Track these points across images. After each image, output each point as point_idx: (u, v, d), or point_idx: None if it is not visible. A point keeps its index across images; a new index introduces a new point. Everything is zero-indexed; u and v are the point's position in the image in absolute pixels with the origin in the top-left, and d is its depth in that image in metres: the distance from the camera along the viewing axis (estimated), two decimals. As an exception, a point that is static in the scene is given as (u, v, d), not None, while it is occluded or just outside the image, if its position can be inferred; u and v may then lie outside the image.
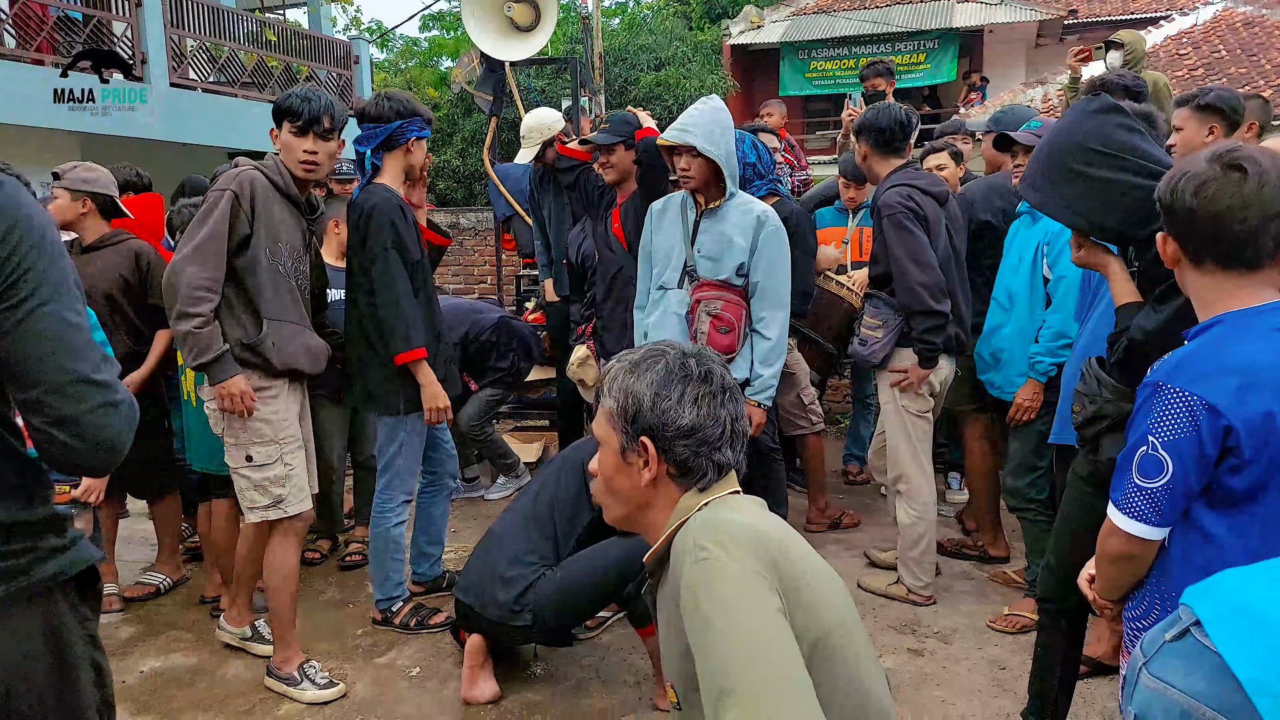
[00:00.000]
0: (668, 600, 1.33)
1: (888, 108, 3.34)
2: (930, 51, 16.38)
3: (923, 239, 3.19)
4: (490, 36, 6.17)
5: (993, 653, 3.06)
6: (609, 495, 1.42)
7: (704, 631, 1.15)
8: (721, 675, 1.10)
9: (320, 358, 2.94)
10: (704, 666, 1.14)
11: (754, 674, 1.09)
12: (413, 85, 17.31)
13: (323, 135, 2.81)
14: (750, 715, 1.06)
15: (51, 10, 8.36)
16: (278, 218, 2.80)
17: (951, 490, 4.69)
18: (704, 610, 1.16)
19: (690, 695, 1.28)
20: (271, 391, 2.82)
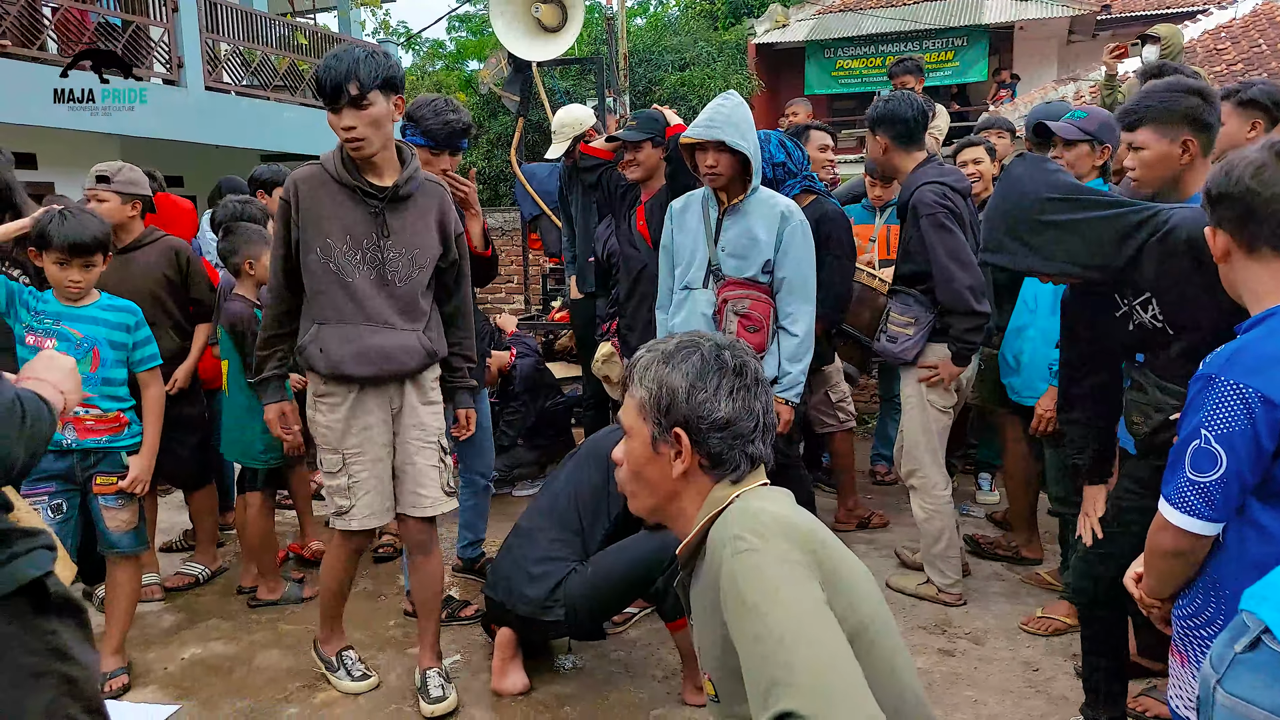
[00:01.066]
0: (703, 592, 1.33)
1: (908, 97, 3.29)
2: (959, 49, 16.25)
3: (962, 239, 3.16)
4: (518, 37, 6.21)
5: (1025, 654, 3.04)
6: (637, 485, 1.43)
7: (750, 620, 1.14)
8: (771, 665, 1.09)
9: (389, 357, 2.61)
10: (750, 656, 1.13)
11: (806, 662, 1.07)
12: (440, 88, 17.44)
13: (356, 104, 2.44)
14: (806, 704, 1.04)
15: (92, 16, 8.53)
16: (328, 211, 2.57)
17: (981, 491, 4.66)
18: (750, 599, 1.15)
19: (729, 686, 1.28)
20: (333, 398, 2.64)
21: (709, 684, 1.36)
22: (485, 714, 2.76)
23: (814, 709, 1.03)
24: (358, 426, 2.64)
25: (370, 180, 2.58)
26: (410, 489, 2.73)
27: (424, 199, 2.68)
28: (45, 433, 1.25)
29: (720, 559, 1.22)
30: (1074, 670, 2.85)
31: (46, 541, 1.33)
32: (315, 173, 2.61)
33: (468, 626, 3.30)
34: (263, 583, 3.59)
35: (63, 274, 2.79)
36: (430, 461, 2.75)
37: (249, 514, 3.54)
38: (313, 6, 14.56)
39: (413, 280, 2.65)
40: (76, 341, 2.82)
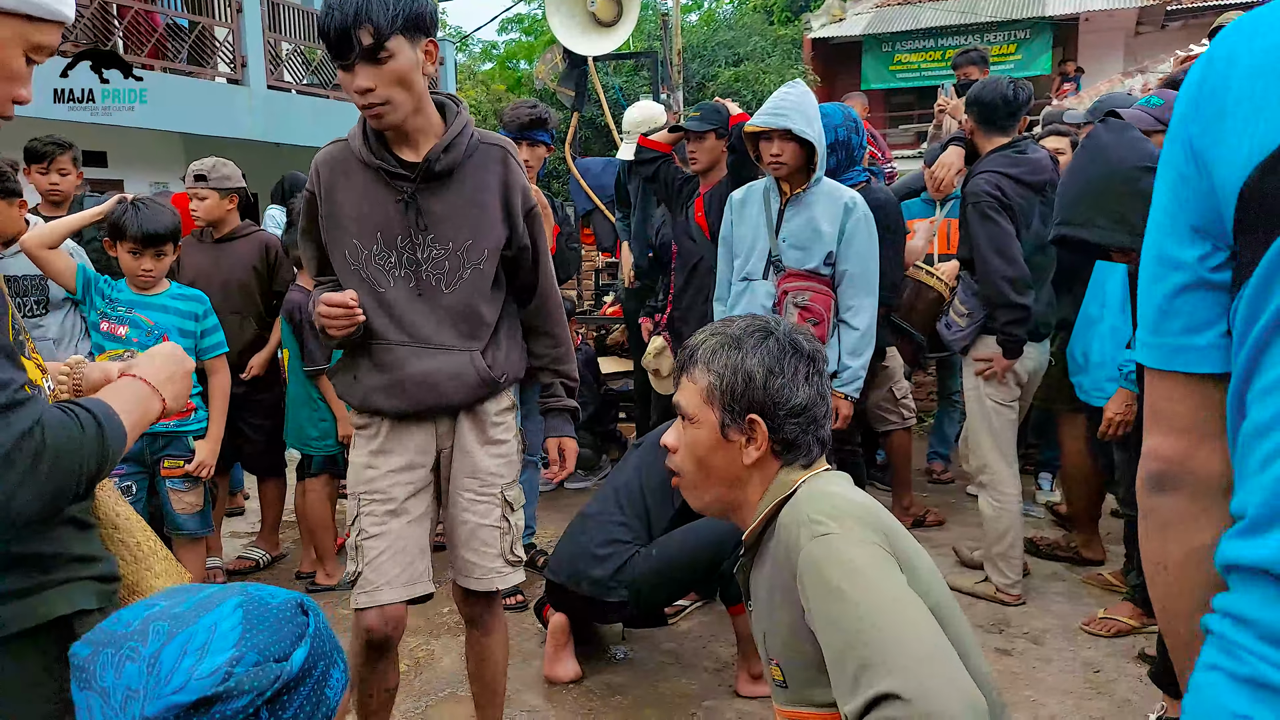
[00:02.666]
0: (770, 578, 1.31)
1: (995, 81, 3.24)
2: (1021, 41, 15.91)
3: (1007, 230, 3.10)
4: (573, 32, 6.25)
5: (1086, 655, 2.96)
6: (699, 473, 1.39)
7: (835, 604, 1.11)
8: (862, 647, 1.06)
9: (431, 388, 2.00)
10: (836, 640, 1.10)
11: (900, 643, 1.05)
12: (487, 86, 17.63)
13: (372, 57, 1.79)
14: (904, 685, 1.01)
15: (161, 18, 8.79)
16: (353, 201, 1.99)
17: (1042, 491, 4.56)
18: (834, 583, 1.12)
19: (799, 673, 1.26)
20: (366, 430, 2.09)
21: (776, 670, 1.33)
22: (537, 700, 2.78)
23: (913, 689, 1.00)
24: (384, 467, 2.04)
25: (400, 155, 1.97)
26: (460, 554, 2.12)
27: (476, 170, 2.02)
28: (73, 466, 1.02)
29: (794, 543, 1.20)
30: (1144, 673, 2.77)
31: (99, 571, 1.18)
32: (338, 152, 2.03)
33: (521, 614, 3.33)
34: (320, 568, 3.67)
35: (136, 263, 2.88)
36: (488, 520, 2.11)
37: (307, 500, 3.62)
38: (372, 7, 14.81)
39: (465, 283, 2.01)
40: (148, 329, 2.91)
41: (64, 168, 3.67)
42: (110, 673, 0.79)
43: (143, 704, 0.77)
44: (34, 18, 1.09)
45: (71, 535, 1.15)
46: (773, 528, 1.31)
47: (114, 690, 0.78)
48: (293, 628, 0.86)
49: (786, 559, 1.22)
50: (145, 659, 0.79)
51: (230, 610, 0.84)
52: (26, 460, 0.95)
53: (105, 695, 0.78)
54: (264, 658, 0.82)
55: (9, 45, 1.09)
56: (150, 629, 0.81)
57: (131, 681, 0.78)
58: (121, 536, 2.11)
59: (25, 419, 0.96)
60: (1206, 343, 0.76)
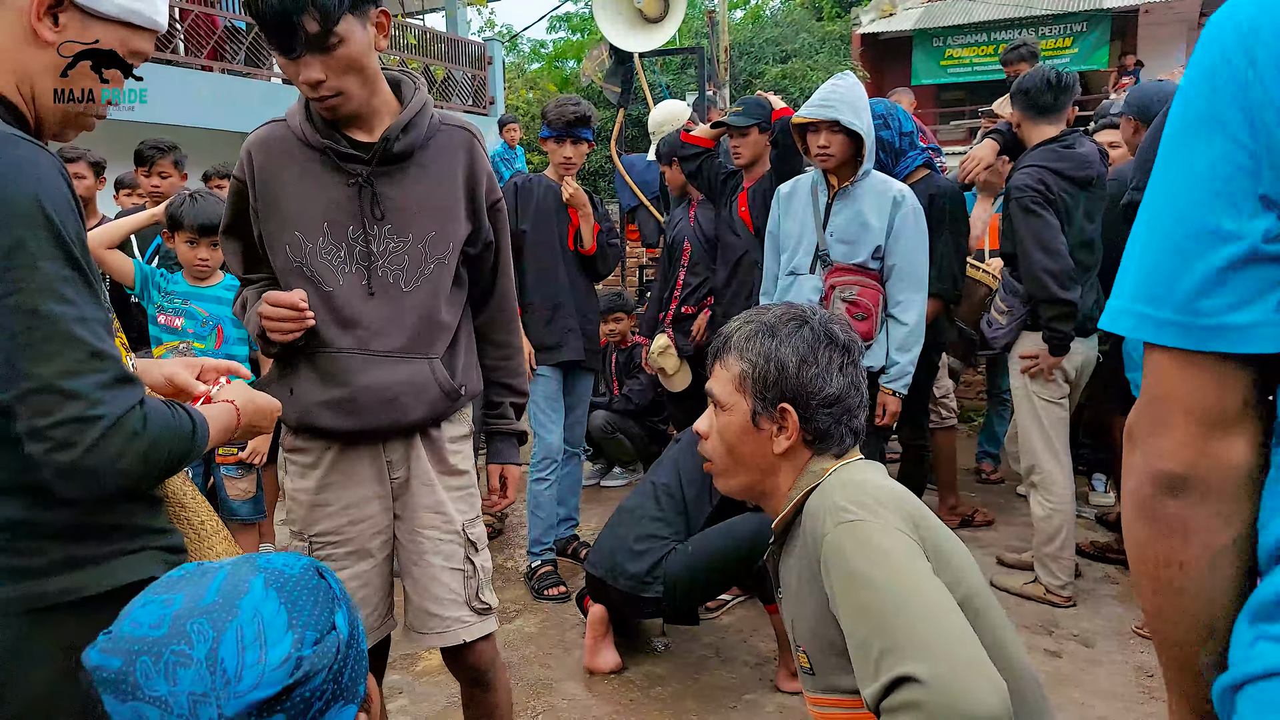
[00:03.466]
0: (798, 565, 1.31)
1: (1037, 69, 3.19)
2: (1078, 35, 15.54)
3: (1051, 223, 3.04)
4: (619, 28, 6.26)
5: (1139, 659, 2.89)
6: (730, 460, 1.39)
7: (858, 590, 1.11)
8: (883, 633, 1.05)
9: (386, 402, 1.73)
10: (858, 626, 1.10)
11: (921, 628, 1.04)
12: (535, 86, 17.72)
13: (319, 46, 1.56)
14: (923, 668, 1.00)
15: (220, 20, 9.02)
16: (295, 188, 1.73)
17: (1095, 492, 4.46)
18: (857, 569, 1.12)
19: (825, 659, 1.26)
20: (303, 457, 1.81)
21: (803, 657, 1.34)
22: (578, 690, 2.80)
23: (933, 673, 1.00)
24: (337, 503, 1.79)
25: (351, 134, 1.73)
26: (418, 603, 1.84)
27: (439, 155, 1.79)
28: (165, 449, 1.11)
29: (820, 530, 1.20)
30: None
31: (167, 543, 1.23)
32: (275, 133, 1.77)
33: (562, 605, 3.36)
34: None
35: (192, 253, 2.96)
36: (450, 563, 1.84)
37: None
38: (421, 7, 15.00)
39: (427, 280, 1.77)
40: (202, 320, 2.99)
41: (165, 170, 3.85)
42: (161, 681, 0.77)
43: (217, 707, 0.77)
44: (135, 26, 1.20)
45: (144, 509, 1.22)
46: (802, 516, 1.30)
47: (174, 698, 0.77)
48: (323, 594, 0.87)
49: (812, 546, 1.22)
50: (201, 661, 0.77)
51: (263, 591, 0.83)
52: (134, 427, 1.05)
53: (164, 704, 0.77)
54: (319, 633, 0.83)
55: (111, 49, 1.19)
56: (189, 629, 0.79)
57: (194, 686, 0.77)
58: (188, 515, 2.17)
59: (135, 394, 1.08)
60: (1251, 320, 0.70)
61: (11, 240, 1.00)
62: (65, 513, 1.11)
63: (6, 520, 1.09)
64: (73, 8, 1.13)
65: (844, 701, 1.23)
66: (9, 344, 1.00)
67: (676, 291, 4.12)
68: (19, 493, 1.09)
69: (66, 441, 1.01)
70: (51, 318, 1.01)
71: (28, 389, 1.00)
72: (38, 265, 1.01)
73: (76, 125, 1.24)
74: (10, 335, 1.00)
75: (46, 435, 1.01)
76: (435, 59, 11.91)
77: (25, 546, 1.09)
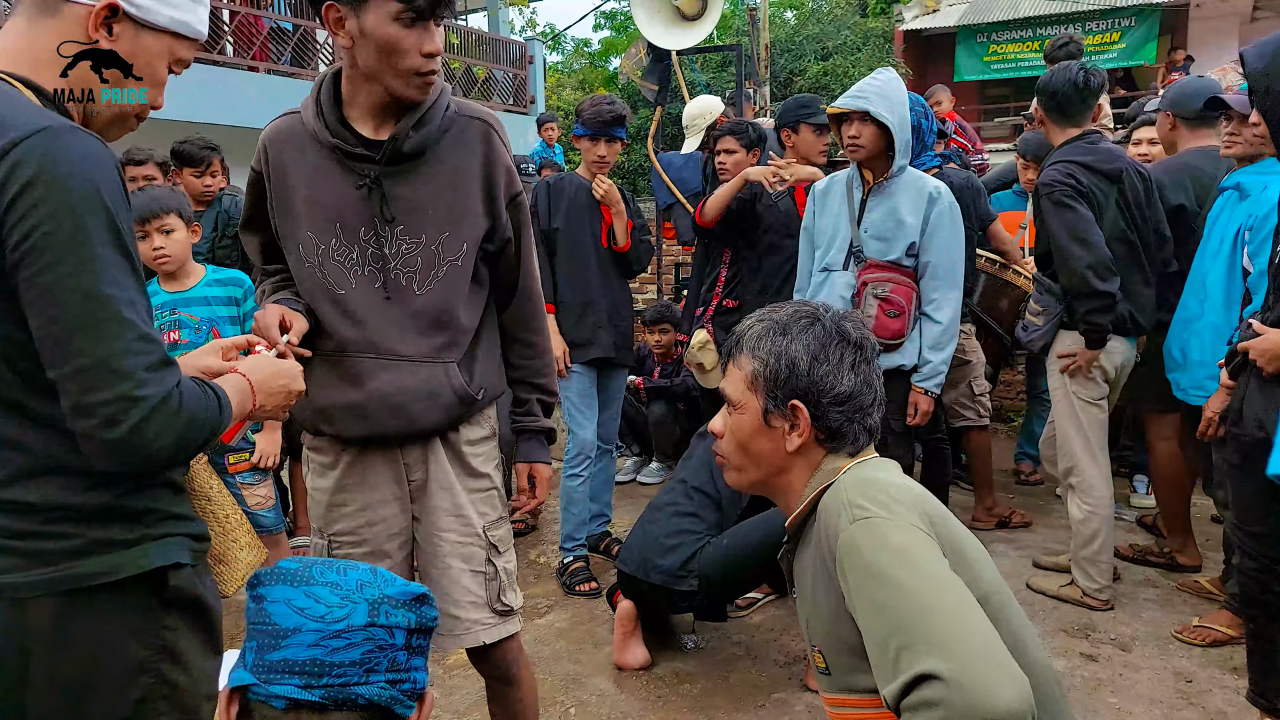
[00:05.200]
0: (812, 564, 1.30)
1: (1064, 68, 3.12)
2: (1126, 30, 15.21)
3: (1085, 215, 2.99)
4: (657, 26, 6.27)
5: (1178, 664, 2.83)
6: (743, 458, 1.39)
7: (875, 587, 1.10)
8: (901, 630, 1.05)
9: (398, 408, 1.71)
10: (875, 624, 1.09)
11: (940, 625, 1.03)
12: (585, 85, 17.77)
13: (447, 11, 1.59)
14: (943, 665, 0.99)
15: (266, 22, 9.19)
16: (306, 187, 1.70)
17: (1136, 494, 4.37)
18: (875, 566, 1.11)
19: (841, 659, 1.25)
20: (321, 457, 1.82)
21: (819, 657, 1.33)
22: (607, 685, 2.81)
23: (953, 669, 0.98)
24: (353, 505, 1.79)
25: (360, 130, 1.68)
26: (439, 605, 1.73)
27: (454, 148, 1.73)
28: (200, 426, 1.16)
29: (835, 527, 1.19)
30: (1240, 685, 2.64)
31: (192, 530, 1.26)
32: (290, 126, 1.73)
33: (593, 600, 3.38)
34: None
35: (145, 246, 2.71)
36: (472, 566, 1.83)
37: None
38: (464, 7, 15.13)
39: (440, 282, 1.73)
40: (195, 325, 2.81)
41: (215, 170, 3.90)
42: (333, 573, 0.93)
43: (379, 588, 0.93)
44: (181, 35, 1.27)
45: (169, 496, 1.25)
46: (816, 514, 1.29)
47: (344, 581, 0.92)
48: None
49: (827, 543, 1.21)
50: (363, 569, 0.95)
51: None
52: (174, 407, 1.11)
53: (336, 586, 0.92)
54: None
55: (161, 58, 1.26)
56: (319, 565, 0.94)
57: (361, 577, 0.93)
58: (213, 509, 2.23)
59: (175, 375, 1.14)
60: None
61: (75, 225, 1.05)
62: (95, 496, 1.15)
63: (40, 503, 1.13)
64: (126, 19, 1.20)
65: (862, 701, 1.22)
66: (67, 322, 1.05)
67: (718, 286, 4.09)
68: (51, 476, 1.13)
69: (113, 418, 1.06)
70: (107, 300, 1.06)
71: (81, 366, 1.05)
72: (97, 250, 1.06)
73: (122, 126, 1.29)
74: (69, 314, 1.05)
75: (95, 411, 1.06)
76: (477, 59, 12.02)
77: (58, 530, 1.13)
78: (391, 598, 0.93)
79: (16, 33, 1.18)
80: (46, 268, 1.04)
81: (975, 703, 0.96)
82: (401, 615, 0.93)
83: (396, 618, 0.92)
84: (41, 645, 1.13)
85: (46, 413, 1.12)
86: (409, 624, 0.93)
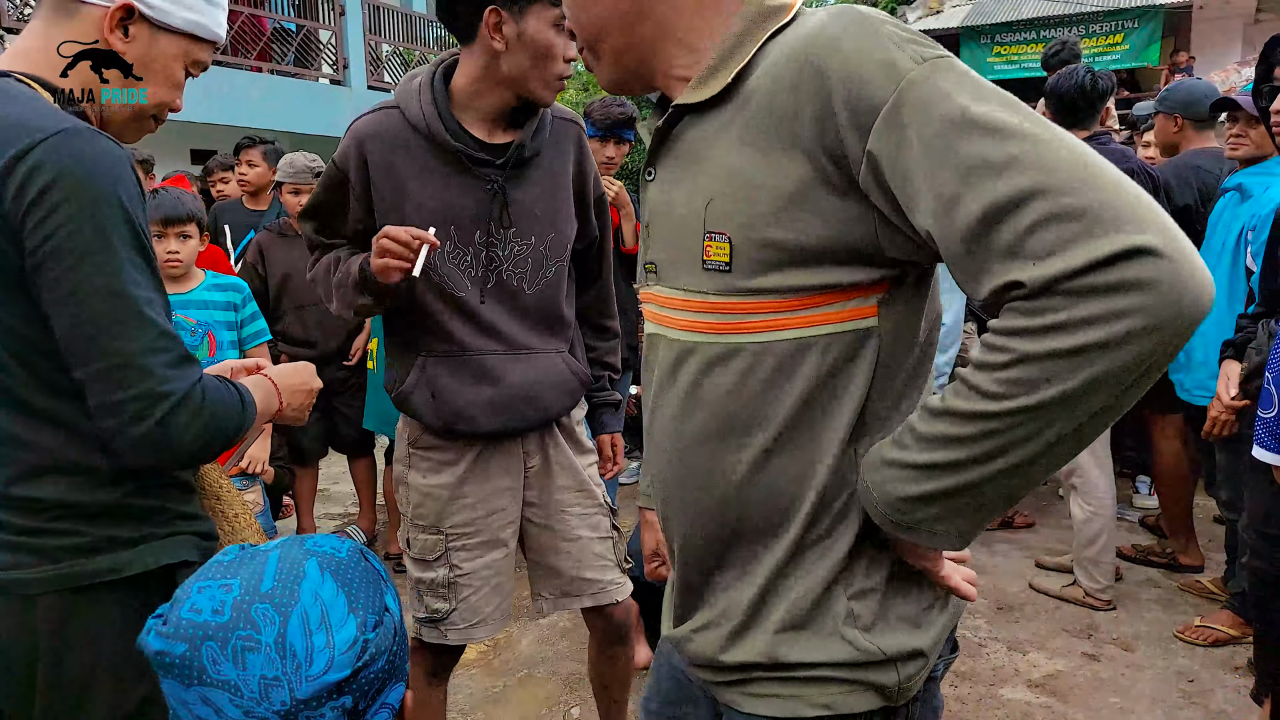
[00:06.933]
0: (744, 124, 0.88)
1: (1071, 72, 3.13)
2: (1129, 31, 15.22)
3: None
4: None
5: (1180, 664, 2.84)
6: (599, 28, 0.99)
7: (1002, 140, 0.76)
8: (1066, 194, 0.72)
9: (533, 400, 1.80)
10: (992, 186, 0.74)
11: (1139, 195, 0.73)
12: (589, 87, 17.76)
13: None
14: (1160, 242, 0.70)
15: (269, 22, 9.21)
16: (419, 189, 1.70)
17: (1139, 494, 4.38)
18: (993, 117, 0.77)
19: (762, 255, 0.88)
20: (441, 454, 1.84)
21: (714, 246, 0.91)
22: (611, 683, 2.82)
23: (1171, 248, 0.71)
24: (473, 497, 1.83)
25: (474, 133, 1.69)
26: (575, 574, 1.95)
27: (552, 152, 1.78)
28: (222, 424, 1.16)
29: (867, 72, 0.80)
30: (1242, 684, 2.65)
31: (200, 529, 1.27)
32: (391, 125, 1.70)
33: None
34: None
35: (160, 247, 2.69)
36: (599, 533, 1.97)
37: (394, 483, 3.74)
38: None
39: (548, 281, 1.80)
40: (191, 328, 2.80)
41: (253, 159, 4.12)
42: (230, 666, 0.78)
43: (290, 689, 0.78)
44: (199, 38, 1.26)
45: (177, 495, 1.25)
46: (760, 64, 0.89)
47: (244, 681, 0.78)
48: (372, 575, 0.89)
49: (813, 91, 0.83)
50: (270, 646, 0.78)
51: (318, 575, 0.84)
52: (198, 402, 1.11)
53: (233, 688, 0.78)
54: (377, 615, 0.85)
55: (178, 60, 1.25)
56: (253, 614, 0.80)
57: (264, 670, 0.78)
58: (222, 508, 2.24)
59: (196, 372, 1.14)
60: None
61: (97, 226, 1.06)
62: (104, 494, 1.15)
63: (48, 500, 1.13)
64: (142, 20, 1.20)
65: (755, 306, 0.90)
66: (92, 322, 1.06)
67: None
68: (60, 474, 1.14)
69: (140, 415, 1.07)
70: (130, 299, 1.08)
71: (107, 365, 1.07)
72: (118, 251, 1.07)
73: (140, 127, 1.29)
74: (95, 313, 1.06)
75: (121, 409, 1.07)
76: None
77: (66, 527, 1.14)
78: (306, 701, 0.78)
79: (34, 34, 1.18)
80: (70, 269, 1.05)
81: (1190, 289, 0.70)
82: (329, 713, 0.80)
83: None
84: (49, 641, 1.13)
85: (56, 411, 1.12)
86: (342, 712, 0.81)
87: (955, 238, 0.78)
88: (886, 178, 0.80)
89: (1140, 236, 0.70)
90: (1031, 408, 0.74)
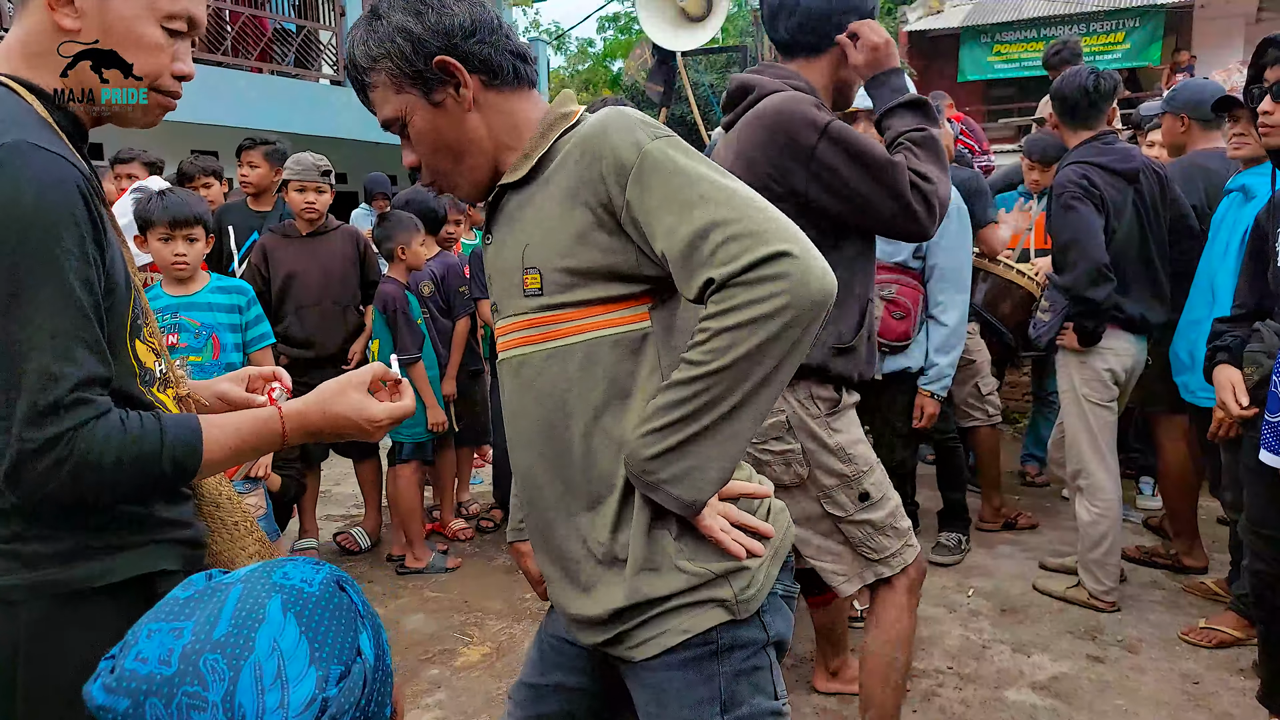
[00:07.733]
0: (551, 196, 1.22)
1: (1075, 73, 3.12)
2: (1130, 30, 15.20)
3: (1088, 217, 2.98)
4: (662, 27, 6.27)
5: (1185, 666, 2.83)
6: (449, 158, 1.29)
7: (694, 186, 1.12)
8: (733, 223, 1.09)
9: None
10: (689, 218, 1.10)
11: (781, 220, 1.11)
12: (590, 86, 17.79)
13: None
14: (795, 248, 1.07)
15: (270, 22, 9.20)
16: None
17: (1143, 496, 4.37)
18: (694, 171, 1.13)
19: (561, 279, 1.21)
20: (844, 400, 2.03)
21: (531, 277, 1.24)
22: (614, 686, 2.82)
23: (801, 250, 1.07)
24: (863, 437, 2.07)
25: None
26: None
27: None
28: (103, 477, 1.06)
29: (620, 146, 1.16)
30: (1247, 686, 2.64)
31: (185, 536, 1.23)
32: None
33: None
34: (410, 552, 3.79)
35: (168, 249, 2.74)
36: None
37: (398, 486, 3.75)
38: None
39: None
40: (195, 330, 2.80)
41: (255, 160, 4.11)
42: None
43: None
44: None
45: (163, 503, 1.21)
46: (558, 151, 1.24)
47: None
48: (345, 613, 0.80)
49: (595, 166, 1.17)
50: (217, 705, 0.71)
51: (280, 618, 0.76)
52: (48, 462, 1.02)
53: None
54: (344, 665, 0.77)
55: (142, 18, 1.14)
56: (202, 667, 0.73)
57: None
58: (221, 515, 2.22)
59: (61, 423, 1.02)
60: None
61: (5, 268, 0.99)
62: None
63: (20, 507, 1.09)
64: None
65: (564, 315, 1.22)
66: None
67: None
68: None
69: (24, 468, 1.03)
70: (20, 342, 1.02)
71: None
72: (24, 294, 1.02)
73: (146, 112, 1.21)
74: None
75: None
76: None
77: (41, 533, 1.11)
78: None
79: (11, 33, 1.14)
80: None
81: (819, 279, 1.07)
82: None
83: None
84: (32, 649, 1.11)
85: None
86: None
87: (676, 253, 1.11)
88: (637, 215, 1.14)
89: (782, 244, 1.06)
90: (727, 366, 1.07)
